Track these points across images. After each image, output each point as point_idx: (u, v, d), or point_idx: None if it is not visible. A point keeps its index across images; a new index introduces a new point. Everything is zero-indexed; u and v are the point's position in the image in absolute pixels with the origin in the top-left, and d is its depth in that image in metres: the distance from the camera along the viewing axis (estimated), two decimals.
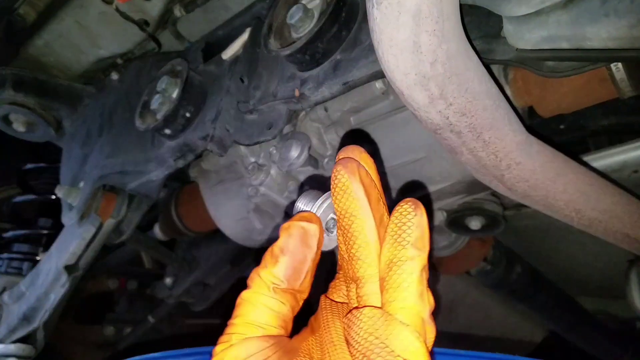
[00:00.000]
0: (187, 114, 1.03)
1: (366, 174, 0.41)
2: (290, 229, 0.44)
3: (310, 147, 0.93)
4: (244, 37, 1.02)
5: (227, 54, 1.04)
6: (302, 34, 0.82)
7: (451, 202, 1.14)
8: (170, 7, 1.17)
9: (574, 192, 0.70)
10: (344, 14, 0.79)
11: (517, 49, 0.63)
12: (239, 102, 0.95)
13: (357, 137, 0.96)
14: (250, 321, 0.41)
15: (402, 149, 0.94)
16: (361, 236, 0.39)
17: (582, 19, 0.56)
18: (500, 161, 0.63)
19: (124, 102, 1.27)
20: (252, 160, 1.09)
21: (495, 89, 0.60)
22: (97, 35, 1.26)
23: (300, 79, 0.85)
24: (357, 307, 0.39)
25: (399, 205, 0.39)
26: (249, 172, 1.07)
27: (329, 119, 0.98)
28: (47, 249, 1.30)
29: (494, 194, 1.13)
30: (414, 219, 0.38)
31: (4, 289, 1.30)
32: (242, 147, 1.05)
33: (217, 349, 0.41)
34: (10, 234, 1.49)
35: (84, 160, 1.30)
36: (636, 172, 0.97)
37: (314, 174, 1.03)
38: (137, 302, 1.89)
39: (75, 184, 1.26)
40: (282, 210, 1.10)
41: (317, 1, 0.85)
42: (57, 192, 1.24)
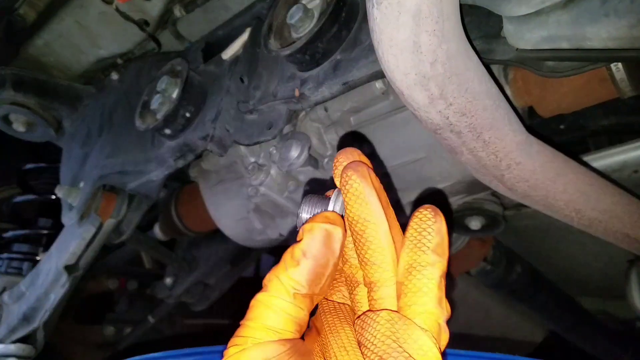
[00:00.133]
0: (187, 114, 1.03)
1: (376, 177, 0.41)
2: (313, 231, 0.40)
3: (310, 147, 0.93)
4: (244, 37, 1.02)
5: (227, 54, 1.04)
6: (302, 34, 0.82)
7: (451, 202, 1.14)
8: (170, 7, 1.17)
9: (574, 192, 0.70)
10: (344, 14, 0.79)
11: (517, 49, 0.63)
12: (239, 102, 0.95)
13: (355, 139, 0.96)
14: (266, 325, 0.39)
15: (402, 149, 0.94)
16: (376, 241, 0.39)
17: (582, 19, 0.56)
18: (500, 161, 0.63)
19: (124, 102, 1.27)
20: (252, 160, 1.09)
21: (495, 89, 0.60)
22: (97, 35, 1.26)
23: (300, 79, 0.85)
24: (371, 310, 0.38)
25: (418, 211, 0.39)
26: (249, 172, 1.07)
27: (329, 119, 0.98)
28: (47, 249, 1.30)
29: (494, 194, 1.13)
30: (434, 225, 0.38)
31: (4, 289, 1.30)
32: (242, 147, 1.05)
33: (230, 350, 0.39)
34: (10, 234, 1.49)
35: (84, 160, 1.30)
36: (636, 172, 0.97)
37: (313, 177, 1.03)
38: (137, 302, 1.88)
39: (75, 184, 1.26)
40: (282, 210, 1.10)
41: (317, 1, 0.85)
42: (57, 192, 1.24)
